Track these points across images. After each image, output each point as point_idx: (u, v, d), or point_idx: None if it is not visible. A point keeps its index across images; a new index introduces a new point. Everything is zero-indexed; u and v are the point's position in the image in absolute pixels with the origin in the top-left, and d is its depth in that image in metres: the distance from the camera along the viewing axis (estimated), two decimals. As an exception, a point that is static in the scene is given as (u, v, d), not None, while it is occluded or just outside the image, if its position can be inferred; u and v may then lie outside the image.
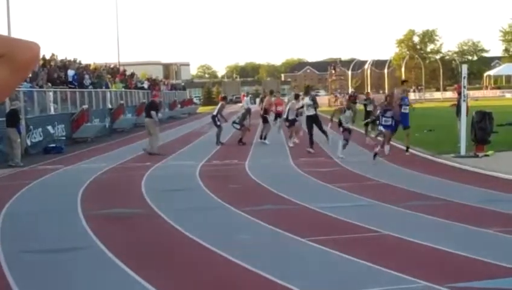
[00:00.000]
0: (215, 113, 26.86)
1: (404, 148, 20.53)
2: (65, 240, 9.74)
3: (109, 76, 44.06)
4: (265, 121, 27.10)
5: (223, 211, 11.76)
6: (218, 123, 26.43)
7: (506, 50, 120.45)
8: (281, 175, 16.72)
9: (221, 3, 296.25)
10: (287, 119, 25.09)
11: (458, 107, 20.21)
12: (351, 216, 10.67)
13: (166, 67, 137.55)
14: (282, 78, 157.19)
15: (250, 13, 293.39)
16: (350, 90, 67.35)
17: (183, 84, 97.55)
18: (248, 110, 27.82)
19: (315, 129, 22.36)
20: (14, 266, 8.14)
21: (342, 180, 15.22)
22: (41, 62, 31.81)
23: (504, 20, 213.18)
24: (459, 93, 20.27)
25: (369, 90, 45.95)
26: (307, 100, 23.04)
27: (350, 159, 19.06)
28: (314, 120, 22.52)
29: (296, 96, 26.83)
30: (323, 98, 65.46)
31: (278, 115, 27.98)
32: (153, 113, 23.41)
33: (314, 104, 22.60)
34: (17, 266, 8.14)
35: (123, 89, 44.70)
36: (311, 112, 22.46)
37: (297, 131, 25.77)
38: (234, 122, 27.60)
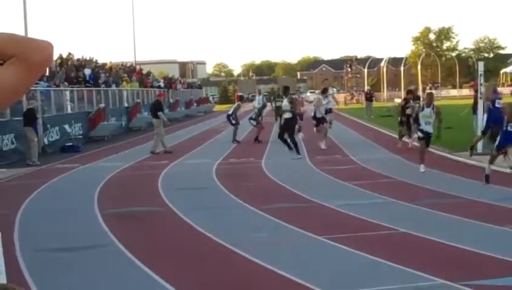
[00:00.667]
0: (230, 112, 27.10)
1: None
2: (82, 239, 9.78)
3: (125, 75, 44.19)
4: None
5: (239, 210, 11.77)
6: (233, 122, 26.61)
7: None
8: (298, 173, 16.71)
9: (238, 1, 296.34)
10: (314, 118, 23.16)
11: (475, 104, 20.09)
12: (368, 214, 10.66)
13: (183, 65, 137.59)
14: (298, 76, 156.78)
15: (266, 11, 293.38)
16: (366, 88, 67.14)
17: (199, 82, 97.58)
18: (264, 106, 28.06)
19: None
20: (31, 264, 8.19)
21: (357, 178, 15.19)
22: (58, 61, 31.95)
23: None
24: (476, 91, 20.16)
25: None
26: (285, 102, 20.28)
27: (366, 157, 19.01)
28: (289, 124, 19.94)
29: (324, 91, 25.99)
30: (338, 96, 65.25)
31: (299, 116, 27.72)
32: (160, 114, 23.64)
33: (292, 107, 19.94)
34: (34, 264, 8.19)
35: (139, 88, 44.82)
36: (288, 115, 19.81)
37: (320, 131, 23.03)
38: (251, 118, 27.76)
